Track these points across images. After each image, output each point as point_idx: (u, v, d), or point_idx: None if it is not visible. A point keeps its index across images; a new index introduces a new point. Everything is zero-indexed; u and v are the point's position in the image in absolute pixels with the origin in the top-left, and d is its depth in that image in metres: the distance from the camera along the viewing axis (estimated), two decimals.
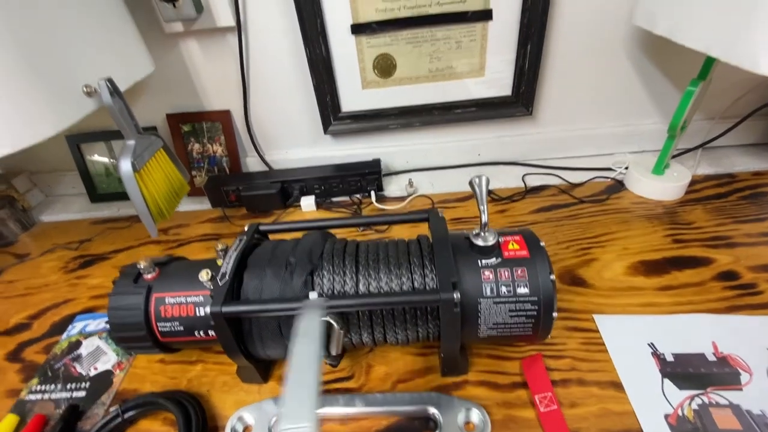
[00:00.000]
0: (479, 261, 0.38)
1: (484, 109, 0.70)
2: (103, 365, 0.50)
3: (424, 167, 0.79)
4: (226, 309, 0.36)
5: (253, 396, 0.44)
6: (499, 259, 0.38)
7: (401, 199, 0.72)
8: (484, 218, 0.37)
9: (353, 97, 0.71)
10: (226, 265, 0.40)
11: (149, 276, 0.42)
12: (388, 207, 0.70)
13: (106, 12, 0.53)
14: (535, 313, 0.37)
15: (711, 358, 0.42)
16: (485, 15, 0.61)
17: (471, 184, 0.39)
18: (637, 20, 0.56)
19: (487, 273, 0.37)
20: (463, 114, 0.71)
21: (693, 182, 0.65)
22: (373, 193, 0.72)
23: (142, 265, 0.42)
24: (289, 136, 0.77)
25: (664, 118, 0.72)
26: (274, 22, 0.64)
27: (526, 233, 0.40)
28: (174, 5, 0.58)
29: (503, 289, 0.37)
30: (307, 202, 0.72)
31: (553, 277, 0.36)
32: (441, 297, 0.35)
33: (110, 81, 0.47)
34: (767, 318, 0.45)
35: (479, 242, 0.38)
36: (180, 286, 0.42)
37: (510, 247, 0.38)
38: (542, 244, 0.39)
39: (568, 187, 0.69)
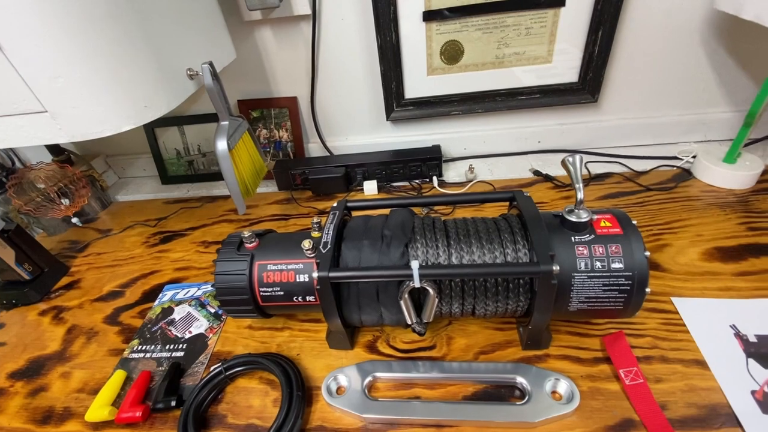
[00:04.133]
0: (572, 237, 0.39)
1: (549, 95, 0.71)
2: (196, 329, 0.54)
3: (483, 154, 0.80)
4: (333, 274, 0.39)
5: (341, 361, 0.47)
6: (593, 236, 0.39)
7: (461, 184, 0.74)
8: (580, 195, 0.38)
9: (418, 83, 0.72)
10: (326, 235, 0.42)
11: (251, 245, 0.46)
12: (448, 191, 0.72)
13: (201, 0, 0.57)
14: (628, 287, 0.38)
15: None
16: (558, 1, 0.62)
17: (564, 163, 0.40)
18: (720, 5, 0.56)
19: (581, 248, 0.39)
20: (526, 101, 0.72)
21: (765, 172, 0.64)
22: (435, 178, 0.74)
23: (245, 234, 0.46)
24: (351, 123, 0.80)
25: (733, 106, 0.70)
26: (348, 9, 0.66)
27: (617, 212, 0.41)
28: None
29: (597, 264, 0.38)
30: (370, 187, 0.74)
31: (647, 253, 0.38)
32: (540, 269, 0.36)
33: (211, 65, 0.51)
34: None
35: (573, 218, 0.39)
36: (280, 254, 0.45)
37: (602, 224, 0.40)
38: (635, 222, 0.40)
39: (633, 174, 0.69)
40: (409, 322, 0.42)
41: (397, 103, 0.75)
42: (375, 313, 0.43)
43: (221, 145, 0.52)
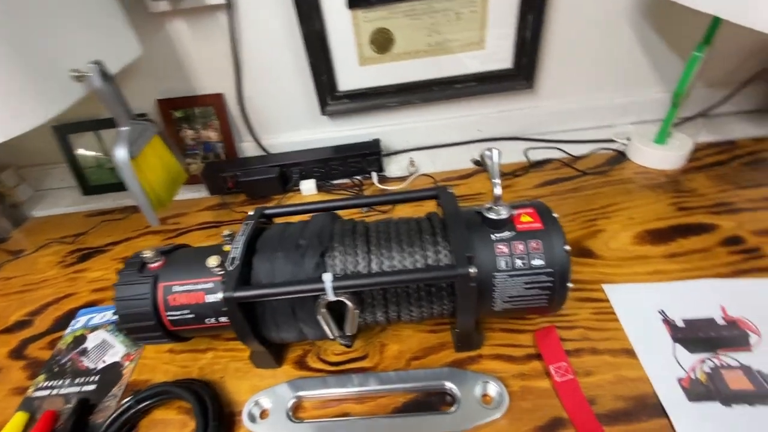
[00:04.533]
0: (492, 235, 0.37)
1: (485, 83, 0.69)
2: (111, 358, 0.50)
3: (424, 146, 0.77)
4: (239, 294, 0.35)
5: (268, 381, 0.44)
6: (513, 233, 0.37)
7: (402, 179, 0.71)
8: (498, 191, 0.37)
9: (350, 75, 0.69)
10: (235, 249, 0.39)
11: (154, 265, 0.41)
12: (390, 187, 0.69)
13: None
14: (550, 284, 0.36)
15: (720, 321, 0.42)
16: None
17: (482, 157, 0.38)
18: None
19: (501, 247, 0.37)
20: (463, 89, 0.70)
21: (695, 150, 0.65)
22: (374, 174, 0.71)
23: (146, 254, 0.41)
24: (286, 119, 0.75)
25: (664, 87, 0.71)
26: None
27: (538, 205, 0.39)
28: None
29: (518, 262, 0.36)
30: (308, 186, 0.71)
31: (567, 247, 0.36)
32: (457, 272, 0.34)
33: (99, 64, 0.45)
34: None
35: (492, 216, 0.37)
36: (187, 273, 0.41)
37: (523, 219, 0.38)
38: (555, 215, 0.38)
39: (571, 159, 0.68)
40: (331, 337, 0.39)
41: (330, 96, 0.71)
42: (294, 330, 0.39)
43: (120, 153, 0.47)
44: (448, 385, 0.40)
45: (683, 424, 0.35)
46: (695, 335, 0.42)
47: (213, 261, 0.38)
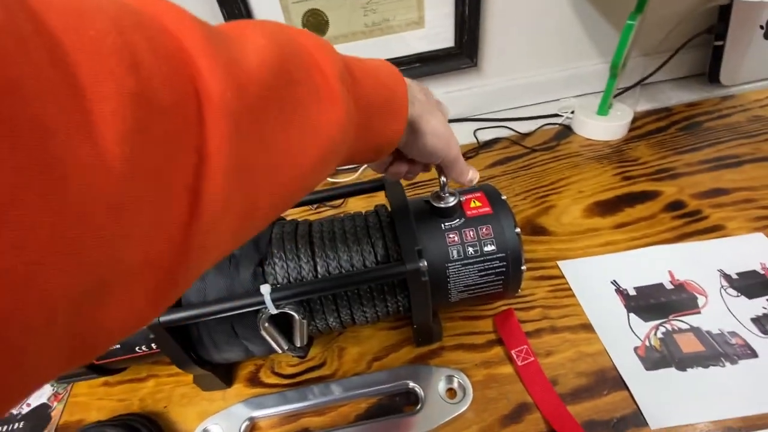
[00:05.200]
0: (442, 224, 0.35)
1: (429, 63, 0.67)
2: (36, 399, 0.44)
3: None
4: (164, 319, 0.31)
5: (218, 404, 0.40)
6: (463, 219, 0.35)
7: (354, 169, 0.68)
8: (443, 178, 0.34)
9: None
10: None
11: None
12: (340, 180, 0.66)
13: None
14: (504, 269, 0.35)
15: (669, 286, 0.43)
16: None
17: None
18: None
19: (451, 236, 0.35)
20: (407, 71, 0.66)
21: (635, 119, 0.66)
22: None
23: None
24: None
25: (603, 58, 0.72)
26: None
27: (486, 189, 0.38)
28: None
29: (470, 249, 0.35)
30: None
31: (518, 230, 0.35)
32: (407, 268, 0.32)
33: None
34: (715, 241, 0.47)
35: (440, 204, 0.35)
36: None
37: (472, 205, 0.36)
38: (504, 197, 0.37)
39: (519, 137, 0.68)
40: (281, 351, 0.36)
41: None
42: (238, 349, 0.36)
43: None
44: (411, 384, 0.38)
45: (641, 393, 0.35)
46: (647, 302, 0.42)
47: None
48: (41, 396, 0.44)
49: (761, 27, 0.66)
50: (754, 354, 0.37)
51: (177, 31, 0.14)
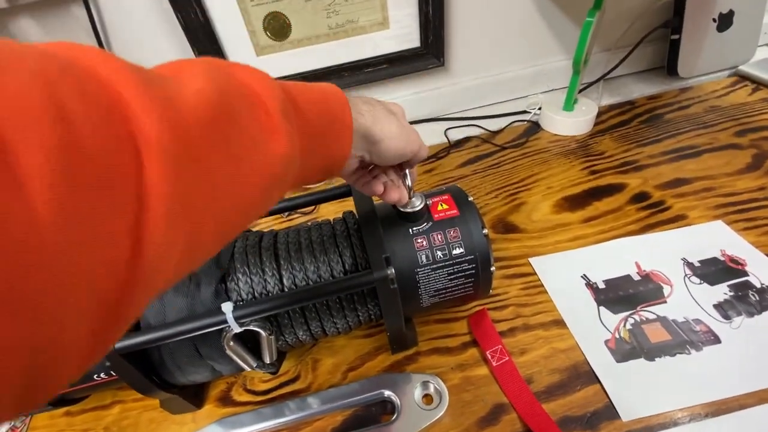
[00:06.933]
0: (410, 229, 0.35)
1: (396, 64, 0.66)
2: None
3: None
4: (120, 345, 0.29)
5: (189, 426, 0.38)
6: (430, 224, 0.35)
7: None
8: (409, 181, 0.34)
9: None
10: None
11: None
12: (310, 185, 0.65)
13: None
14: (473, 271, 0.35)
15: (636, 277, 0.44)
16: None
17: None
18: None
19: (420, 240, 0.34)
20: (374, 72, 0.66)
21: (599, 113, 0.67)
22: None
23: None
24: None
25: (567, 54, 0.73)
26: None
27: (453, 190, 0.38)
28: None
29: (438, 253, 0.34)
30: None
31: (485, 231, 0.35)
32: (375, 277, 0.31)
33: None
34: (678, 231, 0.48)
35: (407, 209, 0.34)
36: None
37: (439, 208, 0.36)
38: (471, 199, 0.36)
39: (489, 135, 0.68)
40: (249, 369, 0.34)
41: None
42: (204, 370, 0.34)
43: None
44: (387, 393, 0.37)
45: (613, 386, 0.36)
46: (616, 295, 0.43)
47: None
48: None
49: (714, 20, 0.68)
50: (717, 340, 0.38)
51: (108, 76, 0.14)
